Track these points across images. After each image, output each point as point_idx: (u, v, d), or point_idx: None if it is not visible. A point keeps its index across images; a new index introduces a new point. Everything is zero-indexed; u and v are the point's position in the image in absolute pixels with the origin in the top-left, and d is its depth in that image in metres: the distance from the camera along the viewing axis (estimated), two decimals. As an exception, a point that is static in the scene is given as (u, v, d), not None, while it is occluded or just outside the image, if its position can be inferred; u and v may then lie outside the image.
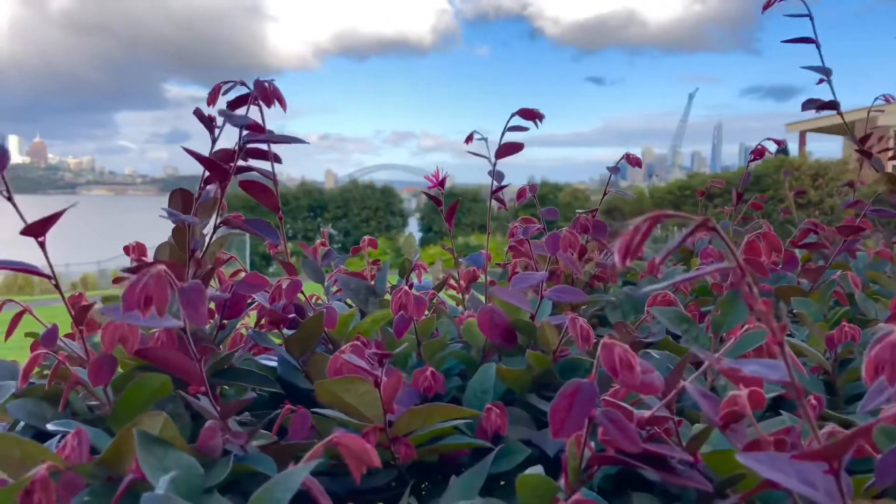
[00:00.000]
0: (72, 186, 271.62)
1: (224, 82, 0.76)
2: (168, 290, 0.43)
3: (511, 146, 0.90)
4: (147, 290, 0.42)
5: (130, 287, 0.42)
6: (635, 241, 0.31)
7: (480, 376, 0.67)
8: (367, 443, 0.39)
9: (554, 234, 0.68)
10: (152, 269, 0.43)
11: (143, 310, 0.43)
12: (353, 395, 0.50)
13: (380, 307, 0.91)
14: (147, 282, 0.42)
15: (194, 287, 0.44)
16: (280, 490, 0.35)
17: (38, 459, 0.42)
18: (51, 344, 0.54)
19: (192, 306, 0.45)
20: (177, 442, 0.44)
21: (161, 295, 0.43)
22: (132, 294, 0.42)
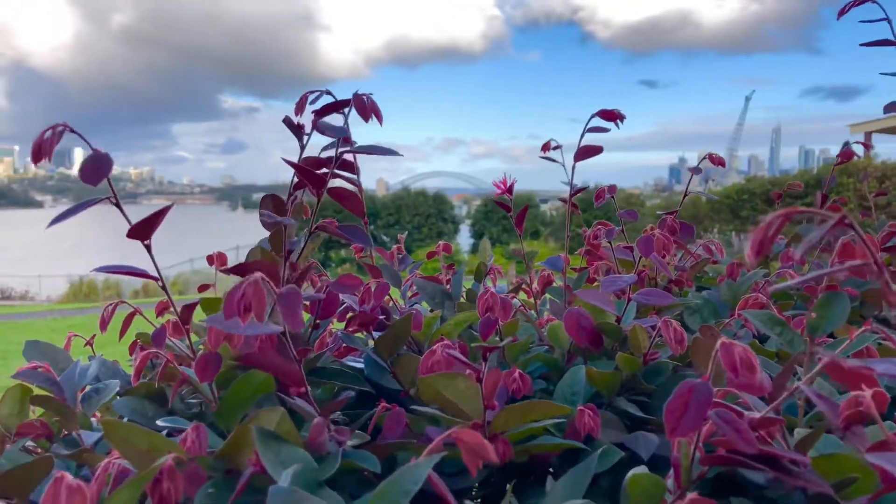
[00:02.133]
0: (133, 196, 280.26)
1: (310, 92, 0.78)
2: (265, 297, 0.45)
3: (590, 149, 0.90)
4: (246, 297, 0.44)
5: (230, 295, 0.44)
6: (767, 238, 0.31)
7: (570, 378, 0.67)
8: (483, 438, 0.39)
9: (647, 236, 0.68)
10: (250, 277, 0.44)
11: (242, 317, 0.44)
12: (454, 391, 0.51)
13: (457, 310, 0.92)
14: (246, 290, 0.44)
15: (291, 292, 0.46)
16: (406, 483, 0.36)
17: (164, 451, 0.44)
18: (160, 344, 0.57)
19: (290, 311, 0.47)
20: (291, 437, 0.46)
21: (259, 302, 0.44)
22: (232, 302, 0.43)
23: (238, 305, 0.42)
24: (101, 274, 6.64)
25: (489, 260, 1.02)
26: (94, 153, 0.56)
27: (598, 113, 0.89)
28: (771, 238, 0.30)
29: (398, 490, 0.36)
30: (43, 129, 0.55)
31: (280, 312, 0.46)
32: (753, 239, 0.30)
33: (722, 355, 0.39)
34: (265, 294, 0.43)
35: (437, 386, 0.50)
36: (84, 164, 0.55)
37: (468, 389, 0.51)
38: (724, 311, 1.03)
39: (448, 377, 0.51)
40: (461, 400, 0.51)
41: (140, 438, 0.44)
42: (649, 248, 0.67)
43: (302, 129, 0.76)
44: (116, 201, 0.58)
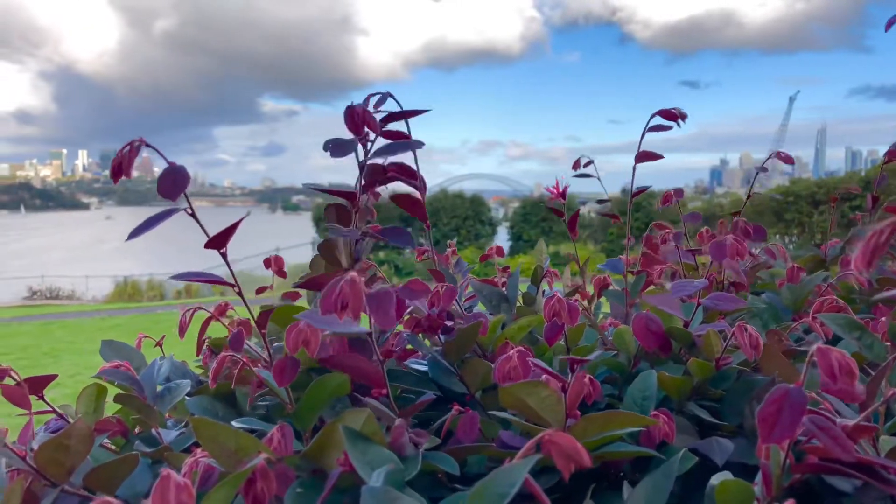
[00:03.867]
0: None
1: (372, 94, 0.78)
2: (363, 295, 0.45)
3: (650, 154, 0.90)
4: (343, 295, 0.44)
5: (328, 293, 0.44)
6: (878, 246, 0.30)
7: (641, 383, 0.66)
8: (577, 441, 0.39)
9: (720, 241, 0.67)
10: (347, 276, 0.45)
11: (339, 313, 0.45)
12: (536, 399, 0.51)
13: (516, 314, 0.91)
14: (343, 287, 0.45)
15: (384, 293, 0.46)
16: (502, 485, 0.36)
17: (251, 450, 0.45)
18: (238, 347, 0.57)
19: (383, 311, 0.47)
20: (377, 438, 0.46)
21: (357, 299, 0.45)
22: (330, 299, 0.44)
23: (336, 302, 0.43)
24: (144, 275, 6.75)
25: (545, 262, 1.02)
26: (170, 167, 0.56)
27: (659, 112, 0.88)
28: (882, 247, 0.30)
29: (494, 492, 0.36)
30: (122, 146, 0.56)
31: (370, 313, 0.46)
32: (864, 249, 0.29)
33: (819, 361, 0.38)
34: (362, 293, 0.44)
35: (520, 393, 0.50)
36: (162, 178, 0.56)
37: (549, 397, 0.51)
38: (786, 314, 1.01)
39: (530, 385, 0.51)
40: (542, 408, 0.51)
41: (228, 438, 0.45)
42: (722, 253, 0.66)
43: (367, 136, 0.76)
44: (192, 212, 0.59)
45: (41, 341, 9.60)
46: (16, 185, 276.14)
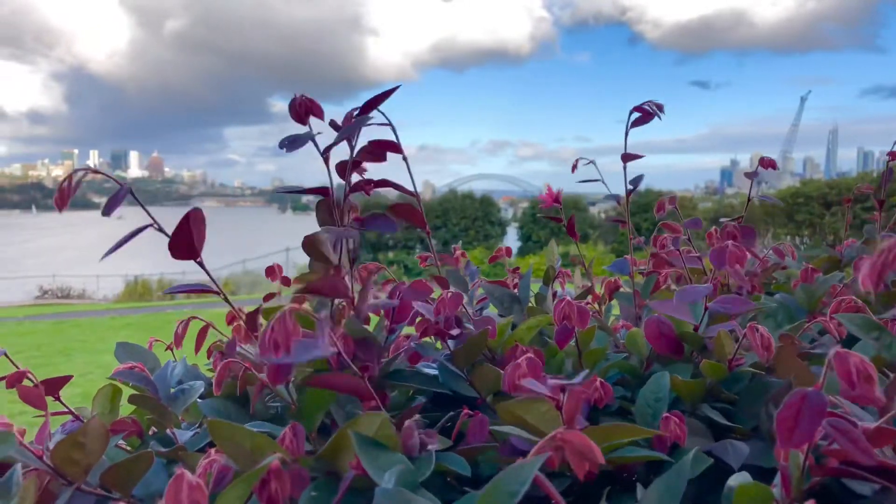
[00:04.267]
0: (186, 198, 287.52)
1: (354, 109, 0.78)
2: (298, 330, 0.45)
3: (633, 155, 0.90)
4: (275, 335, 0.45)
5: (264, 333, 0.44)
6: (886, 265, 0.30)
7: (653, 385, 0.66)
8: (591, 440, 0.39)
9: (720, 247, 0.67)
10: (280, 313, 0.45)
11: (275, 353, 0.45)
12: (535, 415, 0.51)
13: (527, 315, 0.91)
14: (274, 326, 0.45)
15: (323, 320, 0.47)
16: (513, 483, 0.36)
17: (266, 451, 0.45)
18: (232, 352, 0.58)
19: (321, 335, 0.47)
20: (391, 442, 0.46)
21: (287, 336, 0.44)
22: (264, 342, 0.44)
23: (270, 342, 0.44)
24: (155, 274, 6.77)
25: (557, 263, 1.02)
26: None
27: (636, 108, 0.88)
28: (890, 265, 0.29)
29: (505, 490, 0.36)
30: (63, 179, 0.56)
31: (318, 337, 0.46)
32: (872, 266, 0.29)
33: (837, 366, 0.38)
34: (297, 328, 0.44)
35: (518, 412, 0.50)
36: None
37: (547, 412, 0.51)
38: (799, 314, 1.00)
39: (529, 403, 0.51)
40: (541, 422, 0.51)
41: (244, 438, 0.45)
42: (722, 261, 0.66)
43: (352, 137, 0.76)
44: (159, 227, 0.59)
45: (54, 340, 9.67)
46: (28, 184, 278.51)
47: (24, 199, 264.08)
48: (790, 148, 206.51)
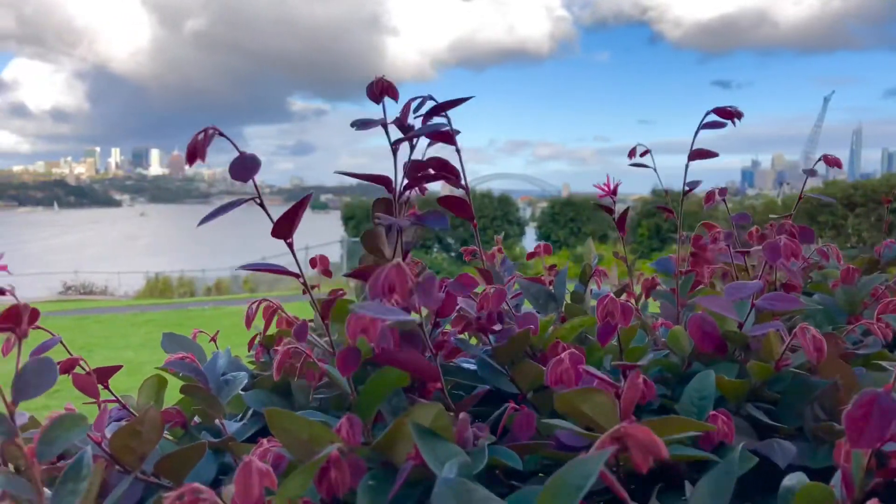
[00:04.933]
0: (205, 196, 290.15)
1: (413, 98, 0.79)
2: (408, 278, 0.46)
3: (704, 152, 0.89)
4: (390, 279, 0.45)
5: (375, 278, 0.45)
6: None
7: (698, 384, 0.66)
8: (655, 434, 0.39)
9: (773, 242, 0.66)
10: (392, 262, 0.46)
11: (387, 296, 0.46)
12: (591, 405, 0.51)
13: (565, 313, 0.91)
14: (389, 272, 0.46)
15: (428, 277, 0.47)
16: (578, 477, 0.36)
17: (323, 440, 0.46)
18: (303, 338, 0.58)
19: (427, 293, 0.48)
20: (446, 433, 0.47)
21: (402, 283, 0.46)
22: (377, 284, 0.45)
23: (383, 286, 0.44)
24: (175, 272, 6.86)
25: (594, 261, 1.02)
26: (242, 154, 0.59)
27: (714, 110, 0.87)
28: None
29: (570, 484, 0.37)
30: (196, 132, 0.58)
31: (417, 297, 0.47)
32: None
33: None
34: (407, 277, 0.45)
35: (575, 400, 0.51)
36: (234, 163, 0.58)
37: (603, 403, 0.51)
38: (840, 316, 0.99)
39: (585, 392, 0.51)
40: (597, 414, 0.51)
41: (301, 427, 0.46)
42: (776, 254, 0.66)
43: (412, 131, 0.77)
44: (261, 202, 0.60)
45: (76, 335, 9.78)
46: (51, 182, 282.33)
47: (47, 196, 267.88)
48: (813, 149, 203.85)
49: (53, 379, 0.40)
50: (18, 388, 0.39)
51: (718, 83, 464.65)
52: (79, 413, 0.43)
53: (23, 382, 0.39)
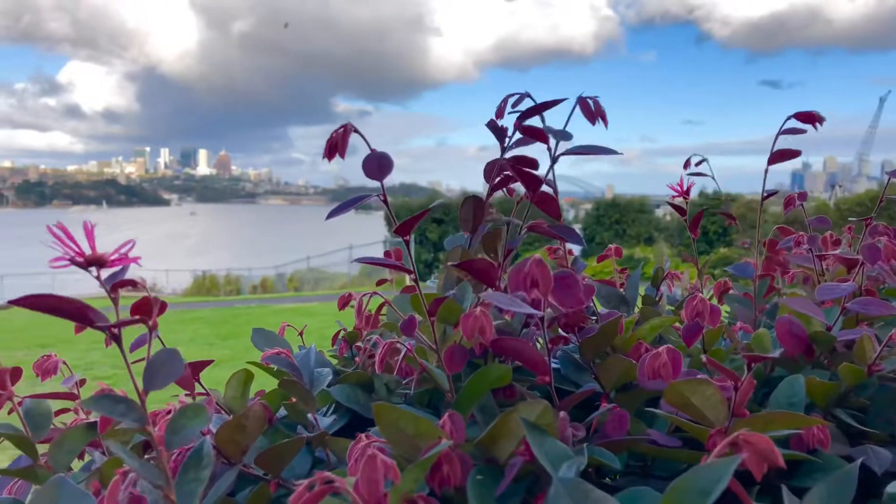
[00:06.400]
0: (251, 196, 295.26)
1: (510, 95, 0.79)
2: (551, 275, 0.46)
3: (785, 152, 0.88)
4: (532, 274, 0.46)
5: (517, 271, 0.46)
6: None
7: (787, 388, 0.65)
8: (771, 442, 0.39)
9: (873, 244, 0.65)
10: (534, 257, 0.46)
11: (529, 290, 0.46)
12: (700, 397, 0.51)
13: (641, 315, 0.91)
14: (531, 267, 0.46)
15: (570, 275, 0.48)
16: (706, 482, 0.36)
17: (430, 437, 0.47)
18: (410, 333, 0.59)
19: (569, 292, 0.48)
20: (551, 430, 0.47)
21: (545, 279, 0.46)
22: (519, 277, 0.45)
23: (525, 280, 0.45)
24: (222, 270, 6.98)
25: (666, 264, 1.01)
26: (374, 152, 0.60)
27: (795, 115, 0.86)
28: None
29: (696, 488, 0.37)
30: (334, 130, 0.59)
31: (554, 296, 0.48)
32: None
33: None
34: (550, 272, 0.45)
35: (685, 391, 0.51)
36: (367, 161, 0.59)
37: (713, 396, 0.51)
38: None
39: (695, 383, 0.51)
40: (706, 406, 0.51)
41: (408, 423, 0.47)
42: (876, 256, 0.64)
43: (505, 131, 0.77)
44: (385, 199, 0.61)
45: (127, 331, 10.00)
46: (103, 181, 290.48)
47: (98, 195, 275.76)
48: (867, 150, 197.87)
49: (180, 369, 0.41)
50: (148, 377, 0.40)
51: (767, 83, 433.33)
52: (200, 404, 0.45)
53: (152, 372, 0.41)
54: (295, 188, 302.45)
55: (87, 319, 0.39)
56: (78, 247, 0.39)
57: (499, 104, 0.79)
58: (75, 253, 0.38)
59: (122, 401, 0.40)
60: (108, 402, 0.39)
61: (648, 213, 20.67)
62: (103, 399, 0.39)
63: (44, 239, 0.38)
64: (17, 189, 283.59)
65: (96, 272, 0.40)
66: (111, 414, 0.39)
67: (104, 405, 0.39)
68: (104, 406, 0.39)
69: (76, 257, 0.38)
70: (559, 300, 0.49)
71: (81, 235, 0.39)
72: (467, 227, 0.79)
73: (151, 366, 0.40)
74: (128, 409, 0.40)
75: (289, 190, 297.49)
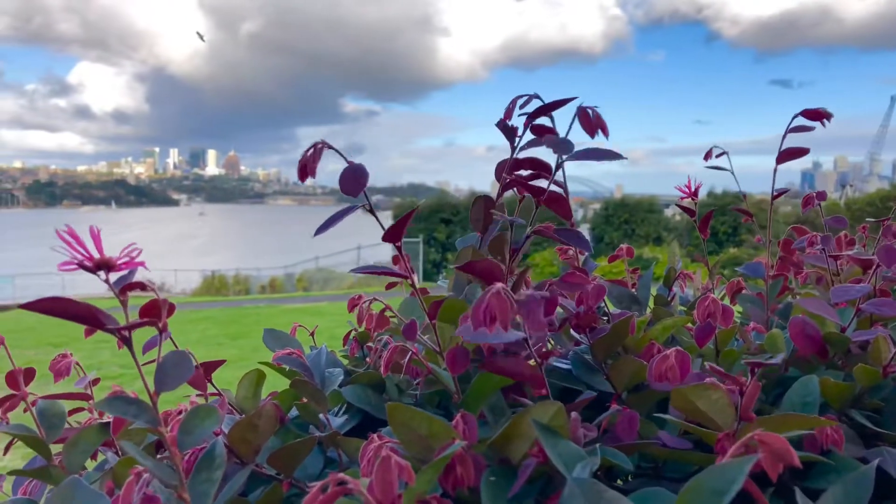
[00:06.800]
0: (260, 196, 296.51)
1: (519, 97, 0.79)
2: (509, 307, 0.46)
3: (794, 151, 0.87)
4: (490, 308, 0.46)
5: (476, 307, 0.45)
6: None
7: (801, 389, 0.65)
8: (786, 442, 0.39)
9: (890, 245, 0.65)
10: (492, 288, 0.46)
11: (489, 327, 0.46)
12: (706, 402, 0.51)
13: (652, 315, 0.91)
14: (490, 301, 0.46)
15: (532, 299, 0.47)
16: (720, 482, 0.36)
17: (443, 437, 0.46)
18: (412, 336, 0.59)
19: (533, 317, 0.48)
20: (563, 432, 0.47)
21: (504, 312, 0.46)
22: (478, 313, 0.45)
23: (484, 316, 0.44)
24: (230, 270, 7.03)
25: (678, 264, 1.01)
26: (350, 166, 0.59)
27: (803, 112, 0.85)
28: None
29: (711, 488, 0.36)
30: (305, 149, 0.59)
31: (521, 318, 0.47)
32: None
33: None
34: (508, 304, 0.45)
35: (691, 395, 0.50)
36: (344, 175, 0.59)
37: (720, 400, 0.51)
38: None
39: (701, 388, 0.51)
40: (713, 410, 0.51)
41: (421, 423, 0.47)
42: (893, 258, 0.64)
43: (515, 131, 0.77)
44: (371, 209, 0.61)
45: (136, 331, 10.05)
46: (112, 182, 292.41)
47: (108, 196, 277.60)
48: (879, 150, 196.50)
49: (190, 371, 0.41)
50: (159, 379, 0.40)
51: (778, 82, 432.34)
52: (211, 405, 0.45)
53: (163, 374, 0.41)
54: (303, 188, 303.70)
55: (97, 322, 0.39)
56: (86, 250, 0.39)
57: (508, 105, 0.79)
58: (84, 257, 0.38)
59: (134, 402, 0.40)
60: (120, 404, 0.39)
61: (657, 213, 20.58)
62: (116, 401, 0.39)
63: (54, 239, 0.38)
64: (27, 189, 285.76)
65: (105, 275, 0.40)
66: (124, 415, 0.39)
67: (117, 406, 0.39)
68: (117, 407, 0.39)
69: (85, 261, 0.38)
70: (528, 326, 0.48)
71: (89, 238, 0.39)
72: (478, 227, 0.79)
73: (162, 368, 0.40)
74: (140, 411, 0.40)
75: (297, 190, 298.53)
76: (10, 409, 0.63)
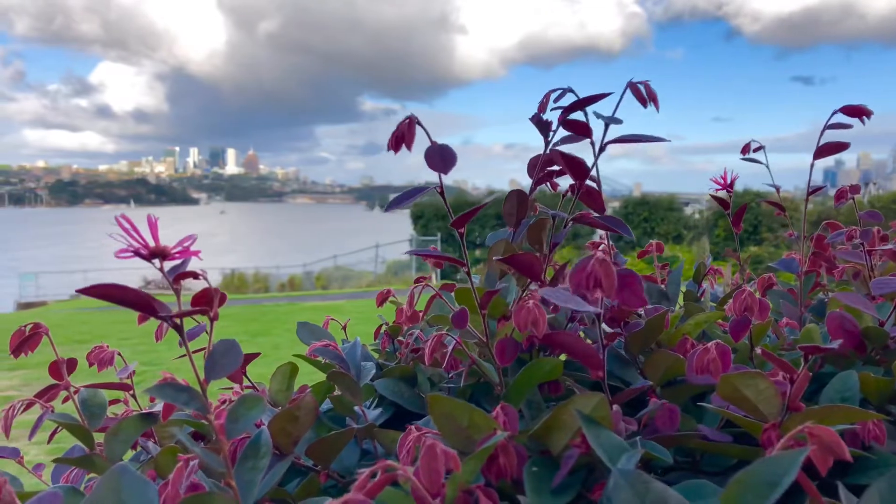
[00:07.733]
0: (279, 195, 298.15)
1: (553, 90, 0.79)
2: (615, 275, 0.46)
3: (834, 145, 0.86)
4: (595, 273, 0.45)
5: (578, 270, 0.45)
6: None
7: (840, 384, 0.64)
8: (837, 435, 0.39)
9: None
10: (596, 255, 0.46)
11: (591, 291, 0.46)
12: (754, 391, 0.50)
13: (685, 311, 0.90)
14: (594, 266, 0.46)
15: (632, 274, 0.47)
16: (772, 475, 0.36)
17: (484, 428, 0.47)
18: (462, 325, 0.59)
19: (632, 292, 0.48)
20: (606, 423, 0.47)
21: (609, 279, 0.46)
22: (581, 276, 0.45)
23: (588, 280, 0.44)
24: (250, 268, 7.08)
25: (708, 260, 1.00)
26: (435, 145, 0.60)
27: (842, 109, 0.84)
28: None
29: (762, 481, 0.36)
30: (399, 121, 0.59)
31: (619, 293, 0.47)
32: None
33: None
34: (614, 273, 0.45)
35: (739, 384, 0.50)
36: (429, 154, 0.59)
37: (767, 389, 0.50)
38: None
39: (749, 376, 0.50)
40: (760, 400, 0.51)
41: (463, 414, 0.47)
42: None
43: (549, 125, 0.77)
44: (441, 192, 0.61)
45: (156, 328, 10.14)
46: (133, 180, 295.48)
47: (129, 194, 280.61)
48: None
49: (239, 360, 0.41)
50: (210, 367, 0.41)
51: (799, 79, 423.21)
52: (257, 394, 0.45)
53: (213, 362, 0.41)
54: (322, 187, 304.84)
55: (150, 309, 0.39)
56: (143, 239, 0.39)
57: (541, 99, 0.79)
58: (141, 245, 0.38)
59: (185, 389, 0.40)
60: (171, 391, 0.40)
61: (677, 210, 20.45)
62: (167, 387, 0.40)
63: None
64: (50, 188, 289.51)
65: (159, 263, 0.41)
66: (174, 401, 0.39)
67: (168, 393, 0.40)
68: (168, 394, 0.40)
69: (141, 249, 0.39)
70: (623, 300, 0.48)
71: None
72: (511, 222, 0.79)
73: (213, 356, 0.41)
74: (190, 398, 0.40)
75: (316, 189, 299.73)
76: (52, 398, 0.64)
